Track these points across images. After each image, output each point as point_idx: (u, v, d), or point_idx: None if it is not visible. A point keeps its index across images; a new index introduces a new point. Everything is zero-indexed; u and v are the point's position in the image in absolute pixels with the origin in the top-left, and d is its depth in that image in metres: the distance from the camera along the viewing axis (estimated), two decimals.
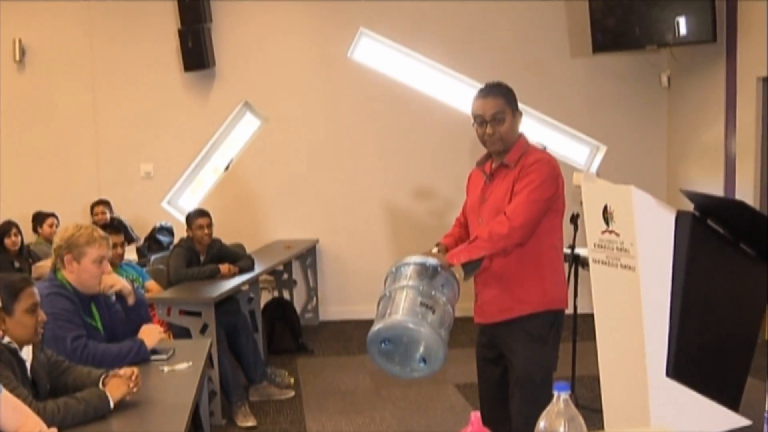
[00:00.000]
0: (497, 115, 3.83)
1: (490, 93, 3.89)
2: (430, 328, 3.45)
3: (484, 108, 3.86)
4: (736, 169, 8.30)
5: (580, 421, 2.03)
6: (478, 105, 3.88)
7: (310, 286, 9.43)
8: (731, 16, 8.26)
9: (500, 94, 3.88)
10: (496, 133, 3.83)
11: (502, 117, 3.83)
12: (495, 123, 3.83)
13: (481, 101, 3.88)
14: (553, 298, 3.91)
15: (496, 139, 3.85)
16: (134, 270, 6.49)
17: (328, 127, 9.44)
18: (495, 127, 3.83)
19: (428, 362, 3.52)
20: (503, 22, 9.41)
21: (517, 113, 3.88)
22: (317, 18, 9.34)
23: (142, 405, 3.38)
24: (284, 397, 6.66)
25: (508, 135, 3.86)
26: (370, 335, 3.59)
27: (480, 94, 3.91)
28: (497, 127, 3.83)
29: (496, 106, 3.84)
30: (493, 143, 3.88)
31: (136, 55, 9.29)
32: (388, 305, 3.62)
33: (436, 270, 3.64)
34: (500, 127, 3.83)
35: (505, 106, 3.85)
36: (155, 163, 9.41)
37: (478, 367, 4.24)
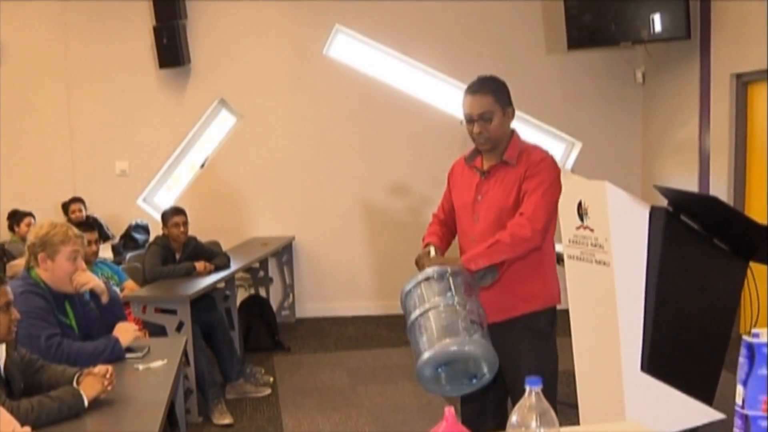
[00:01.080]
0: (485, 115, 3.73)
1: (479, 90, 3.77)
2: (484, 344, 3.36)
3: (471, 106, 3.76)
4: (710, 165, 8.34)
5: (552, 415, 2.03)
6: (467, 103, 3.78)
7: (287, 283, 9.42)
8: (705, 13, 8.30)
9: (489, 92, 3.76)
10: (483, 132, 3.74)
11: (490, 116, 3.73)
12: (483, 122, 3.73)
13: (470, 99, 3.78)
14: (552, 295, 3.92)
15: (484, 138, 3.75)
16: (109, 268, 6.46)
17: (303, 124, 9.43)
18: (483, 126, 3.73)
19: (480, 376, 3.41)
20: (479, 19, 9.42)
21: (508, 110, 3.79)
22: (293, 14, 9.32)
23: (116, 403, 3.36)
24: (261, 394, 6.65)
25: (497, 133, 3.76)
26: (423, 364, 3.40)
27: (469, 91, 3.80)
28: (485, 125, 3.73)
29: (484, 105, 3.73)
30: (481, 143, 3.78)
31: (111, 53, 9.25)
32: (432, 329, 3.43)
33: (457, 279, 3.51)
34: (488, 126, 3.73)
35: (494, 104, 3.74)
36: (131, 161, 9.37)
37: None
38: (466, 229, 3.86)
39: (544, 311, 3.86)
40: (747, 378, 1.99)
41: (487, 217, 3.77)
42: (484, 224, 3.77)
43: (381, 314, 9.43)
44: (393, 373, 7.29)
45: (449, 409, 2.15)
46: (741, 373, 2.00)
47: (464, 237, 3.86)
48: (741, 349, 1.99)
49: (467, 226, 3.86)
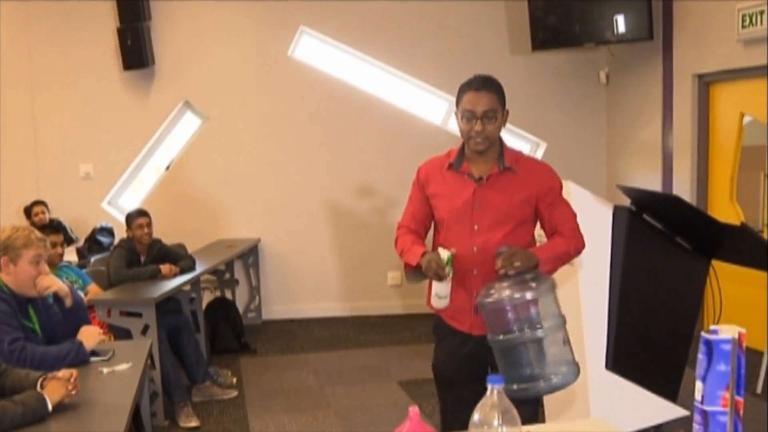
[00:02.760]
0: (489, 113, 3.50)
1: (484, 86, 3.54)
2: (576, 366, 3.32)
3: (475, 102, 3.51)
4: (673, 165, 8.42)
5: (514, 413, 2.05)
6: (470, 99, 3.53)
7: (253, 285, 9.40)
8: (667, 15, 8.38)
9: (494, 90, 3.55)
10: (484, 131, 3.50)
11: (494, 115, 3.51)
12: (486, 120, 3.50)
13: (473, 95, 3.53)
14: None
15: (483, 137, 3.51)
16: (74, 272, 6.44)
17: (269, 126, 9.41)
18: (485, 125, 3.49)
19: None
20: (444, 20, 9.45)
21: (506, 112, 3.61)
22: (258, 16, 9.30)
23: (81, 407, 3.34)
24: (227, 396, 6.63)
25: (495, 135, 3.56)
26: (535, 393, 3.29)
27: (472, 87, 3.55)
28: (487, 125, 3.50)
29: (490, 103, 3.51)
30: (478, 142, 3.52)
31: (75, 54, 9.18)
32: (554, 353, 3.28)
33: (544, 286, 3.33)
34: (490, 126, 3.50)
35: (498, 103, 3.54)
36: (95, 163, 9.31)
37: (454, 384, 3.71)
38: (461, 237, 3.57)
39: None
40: (706, 374, 2.01)
41: (486, 226, 3.55)
42: (487, 233, 3.54)
43: (347, 315, 9.45)
44: (360, 374, 7.30)
45: (413, 409, 2.16)
46: (700, 370, 2.03)
47: (457, 245, 3.54)
48: (699, 345, 2.02)
49: (462, 235, 3.57)
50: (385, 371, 7.34)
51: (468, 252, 3.54)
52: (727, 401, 2.01)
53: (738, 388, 2.02)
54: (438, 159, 3.75)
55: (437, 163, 3.73)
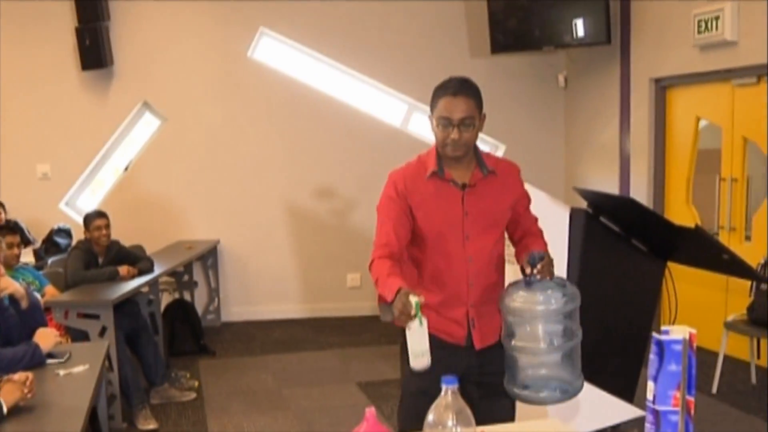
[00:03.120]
0: (466, 120, 3.28)
1: (461, 91, 3.32)
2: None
3: (452, 109, 3.28)
4: (630, 167, 8.51)
5: (468, 413, 2.07)
6: (446, 105, 3.29)
7: (212, 287, 9.37)
8: (625, 19, 8.47)
9: (472, 95, 3.33)
10: (462, 138, 3.28)
11: (472, 122, 3.30)
12: (463, 128, 3.28)
13: (450, 100, 3.29)
14: None
15: (461, 145, 3.29)
16: (31, 273, 6.38)
17: (228, 127, 9.38)
18: (462, 133, 3.28)
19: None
20: (403, 22, 9.48)
21: (483, 116, 3.41)
22: (217, 17, 9.27)
23: (36, 409, 3.33)
24: (186, 399, 6.61)
25: (472, 142, 3.35)
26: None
27: (449, 92, 3.32)
28: (464, 132, 3.28)
29: (467, 110, 3.29)
30: (456, 149, 3.30)
31: (32, 54, 9.08)
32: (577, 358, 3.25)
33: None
34: (467, 133, 3.29)
35: (476, 109, 3.32)
36: (53, 164, 9.22)
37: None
38: (453, 250, 3.36)
39: None
40: (657, 374, 2.04)
41: (477, 233, 3.37)
42: (479, 242, 3.37)
43: (307, 317, 9.45)
44: (319, 375, 7.30)
45: (370, 410, 2.18)
46: (651, 370, 2.06)
47: (448, 260, 3.37)
48: (651, 346, 2.05)
49: (454, 247, 3.36)
50: (344, 373, 7.34)
51: (462, 263, 3.36)
52: (678, 401, 2.04)
53: (689, 387, 2.06)
54: (413, 166, 3.47)
55: (413, 171, 3.44)
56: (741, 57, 7.00)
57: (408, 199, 3.37)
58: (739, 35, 6.97)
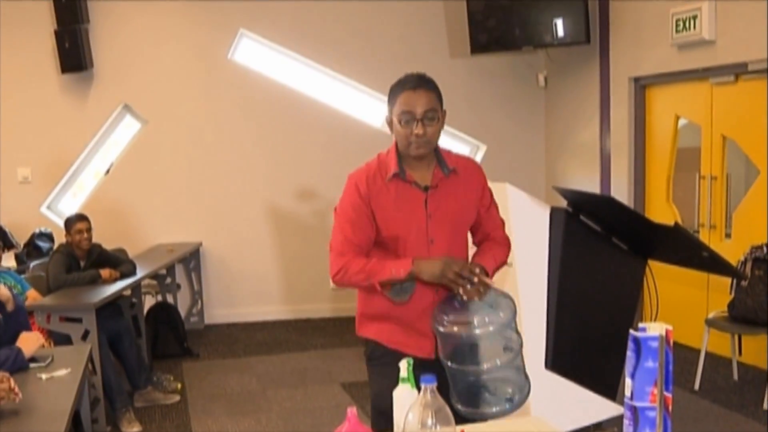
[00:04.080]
0: (429, 113, 3.14)
1: (421, 85, 3.17)
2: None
3: (414, 103, 3.13)
4: (611, 166, 8.55)
5: (447, 411, 2.08)
6: (406, 99, 3.14)
7: (195, 289, 9.36)
8: (604, 18, 8.51)
9: (432, 88, 3.19)
10: (426, 134, 3.13)
11: (435, 116, 3.15)
12: (427, 122, 3.13)
13: (410, 95, 3.14)
14: None
15: (424, 141, 3.14)
16: (12, 278, 6.35)
17: (209, 129, 9.37)
18: (426, 127, 3.13)
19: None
20: (383, 22, 9.49)
21: (444, 112, 3.23)
22: (197, 19, 9.26)
23: (19, 413, 3.32)
24: (169, 401, 6.60)
25: (435, 138, 3.20)
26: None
27: (408, 86, 3.17)
28: (428, 126, 3.13)
29: (429, 102, 3.14)
30: (420, 146, 3.15)
31: (11, 57, 9.04)
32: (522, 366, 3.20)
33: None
34: (431, 128, 3.14)
35: (438, 102, 3.17)
36: (33, 168, 9.18)
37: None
38: (417, 254, 3.18)
39: None
40: (634, 371, 2.06)
41: (443, 237, 3.23)
42: (443, 245, 3.23)
43: (289, 318, 9.45)
44: (302, 377, 7.31)
45: (351, 410, 2.19)
46: (629, 366, 2.08)
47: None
48: (628, 343, 2.07)
49: (419, 251, 3.20)
50: (327, 374, 7.35)
51: None
52: (656, 397, 2.06)
53: (666, 384, 2.07)
54: (373, 167, 3.30)
55: (373, 172, 3.28)
56: (719, 56, 7.05)
57: (370, 202, 3.23)
58: (717, 34, 7.02)
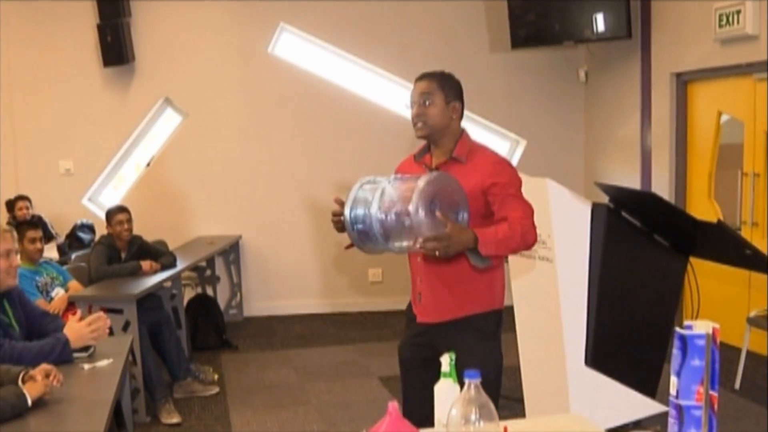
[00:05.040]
0: (423, 95, 3.54)
1: (423, 76, 3.62)
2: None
3: (413, 91, 3.60)
4: (651, 162, 8.48)
5: (491, 407, 2.07)
6: (413, 89, 3.62)
7: (234, 282, 9.40)
8: (646, 13, 8.43)
9: (434, 78, 3.59)
10: (421, 114, 3.53)
11: (431, 99, 3.53)
12: (422, 104, 3.54)
13: (415, 85, 3.61)
14: (499, 298, 3.69)
15: (421, 122, 3.55)
16: (54, 269, 6.42)
17: (249, 123, 9.41)
18: (421, 108, 3.54)
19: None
20: (423, 17, 9.47)
21: (453, 103, 3.57)
22: (238, 13, 9.29)
23: (61, 403, 3.35)
24: (208, 393, 6.64)
25: (435, 120, 3.55)
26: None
27: (415, 79, 3.64)
28: (423, 108, 3.53)
29: (424, 87, 3.55)
30: (419, 127, 3.56)
31: (54, 51, 9.14)
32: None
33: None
34: (427, 110, 3.53)
35: (437, 89, 3.55)
36: (75, 160, 9.28)
37: (408, 368, 3.84)
38: None
39: (490, 313, 3.65)
40: (680, 369, 2.05)
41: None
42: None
43: (328, 312, 9.47)
44: (340, 370, 7.32)
45: (392, 404, 2.19)
46: (675, 365, 2.06)
47: None
48: (674, 341, 2.05)
49: None
50: (365, 367, 7.36)
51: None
52: (702, 396, 2.04)
53: (712, 382, 2.06)
54: (412, 152, 3.82)
55: (411, 157, 3.81)
56: (762, 51, 6.96)
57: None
58: (761, 29, 6.93)
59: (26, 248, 5.84)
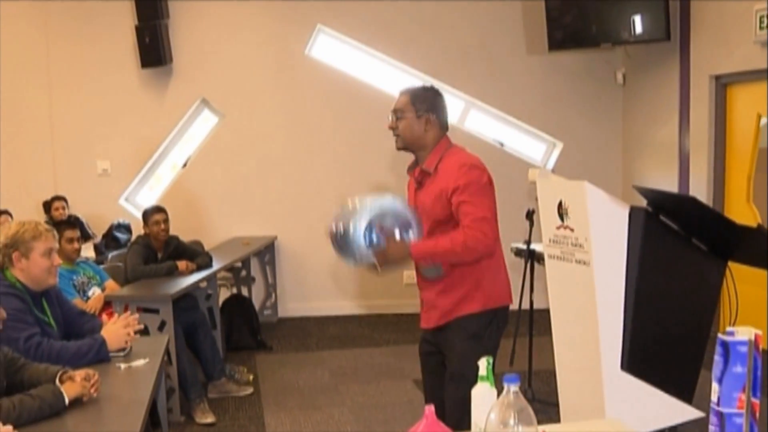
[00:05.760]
0: (397, 112, 3.91)
1: (402, 92, 4.01)
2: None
3: (395, 103, 3.98)
4: (689, 166, 8.40)
5: (530, 411, 2.06)
6: None
7: (269, 282, 9.43)
8: (685, 15, 8.36)
9: (407, 94, 3.96)
10: (394, 129, 3.93)
11: (402, 115, 3.89)
12: (394, 120, 3.93)
13: (397, 97, 4.00)
14: (492, 298, 3.88)
15: (395, 135, 3.94)
16: (91, 268, 6.46)
17: (285, 124, 9.43)
18: (393, 123, 3.93)
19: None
20: (460, 19, 9.46)
21: (425, 116, 3.87)
22: (275, 14, 9.33)
23: (98, 402, 3.36)
24: (243, 393, 6.66)
25: (405, 134, 3.90)
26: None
27: (400, 91, 4.03)
28: (395, 123, 3.92)
29: (398, 104, 3.93)
30: (396, 141, 3.97)
31: (93, 52, 9.23)
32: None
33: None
34: (399, 123, 3.90)
35: (407, 104, 3.90)
36: (112, 160, 9.36)
37: (422, 361, 4.24)
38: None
39: (479, 314, 3.85)
40: (722, 376, 2.02)
41: (424, 225, 3.83)
42: (424, 231, 3.82)
43: (363, 313, 9.47)
44: (375, 372, 7.32)
45: (429, 408, 2.18)
46: (716, 371, 2.04)
47: None
48: (716, 347, 2.03)
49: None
50: (399, 370, 7.34)
51: None
52: (743, 403, 2.02)
53: (754, 389, 2.03)
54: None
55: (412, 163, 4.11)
56: None
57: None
58: None
59: (64, 248, 5.88)
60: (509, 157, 9.54)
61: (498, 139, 9.59)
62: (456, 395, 3.70)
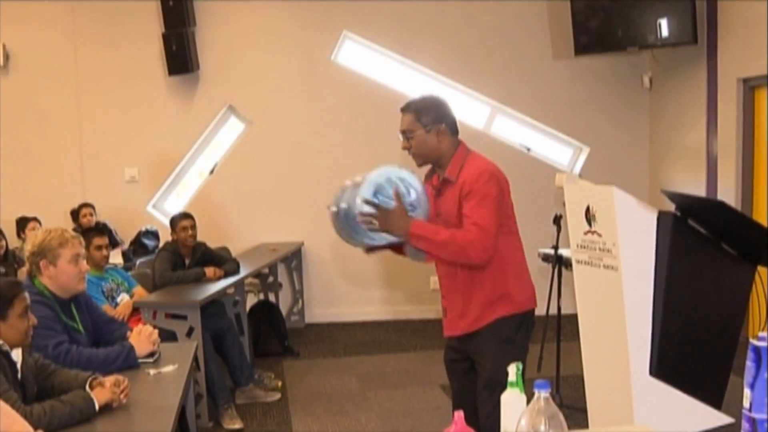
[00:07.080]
0: (406, 132, 3.93)
1: (403, 109, 3.97)
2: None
3: (400, 124, 3.97)
4: (717, 170, 8.35)
5: (561, 418, 2.05)
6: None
7: (296, 288, 9.44)
8: (712, 18, 8.31)
9: (410, 111, 3.92)
10: (408, 148, 3.96)
11: (411, 134, 3.90)
12: (406, 139, 3.94)
13: (401, 117, 3.97)
14: (519, 302, 3.86)
15: (411, 154, 3.97)
16: (119, 275, 6.49)
17: (312, 130, 9.45)
18: (406, 144, 3.95)
19: None
20: (486, 24, 9.45)
21: (433, 128, 3.88)
22: (300, 21, 9.35)
23: (127, 408, 3.39)
24: (270, 399, 6.67)
25: (420, 151, 3.92)
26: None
27: (401, 110, 3.99)
28: (407, 143, 3.94)
29: (404, 124, 3.93)
30: (414, 159, 4.00)
31: (120, 59, 9.28)
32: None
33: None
34: (411, 143, 3.93)
35: (413, 122, 3.89)
36: (140, 167, 9.41)
37: (448, 369, 4.18)
38: None
39: (508, 318, 3.83)
40: (754, 381, 2.00)
41: None
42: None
43: (390, 319, 9.46)
44: (402, 377, 7.31)
45: (458, 413, 2.17)
46: (748, 377, 2.02)
47: None
48: (748, 352, 2.01)
49: None
50: (426, 375, 7.33)
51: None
52: None
53: None
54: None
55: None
56: None
57: None
58: None
59: (93, 255, 5.91)
60: (536, 162, 9.52)
61: (524, 144, 9.57)
62: (491, 401, 3.67)
